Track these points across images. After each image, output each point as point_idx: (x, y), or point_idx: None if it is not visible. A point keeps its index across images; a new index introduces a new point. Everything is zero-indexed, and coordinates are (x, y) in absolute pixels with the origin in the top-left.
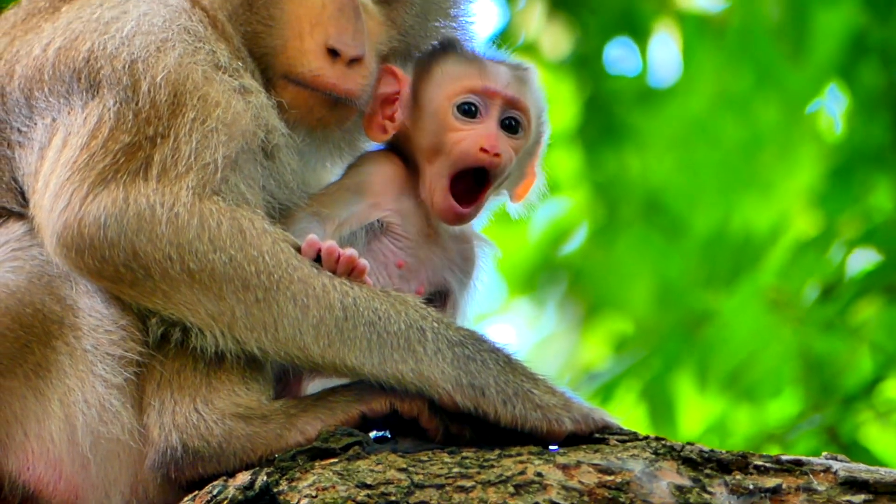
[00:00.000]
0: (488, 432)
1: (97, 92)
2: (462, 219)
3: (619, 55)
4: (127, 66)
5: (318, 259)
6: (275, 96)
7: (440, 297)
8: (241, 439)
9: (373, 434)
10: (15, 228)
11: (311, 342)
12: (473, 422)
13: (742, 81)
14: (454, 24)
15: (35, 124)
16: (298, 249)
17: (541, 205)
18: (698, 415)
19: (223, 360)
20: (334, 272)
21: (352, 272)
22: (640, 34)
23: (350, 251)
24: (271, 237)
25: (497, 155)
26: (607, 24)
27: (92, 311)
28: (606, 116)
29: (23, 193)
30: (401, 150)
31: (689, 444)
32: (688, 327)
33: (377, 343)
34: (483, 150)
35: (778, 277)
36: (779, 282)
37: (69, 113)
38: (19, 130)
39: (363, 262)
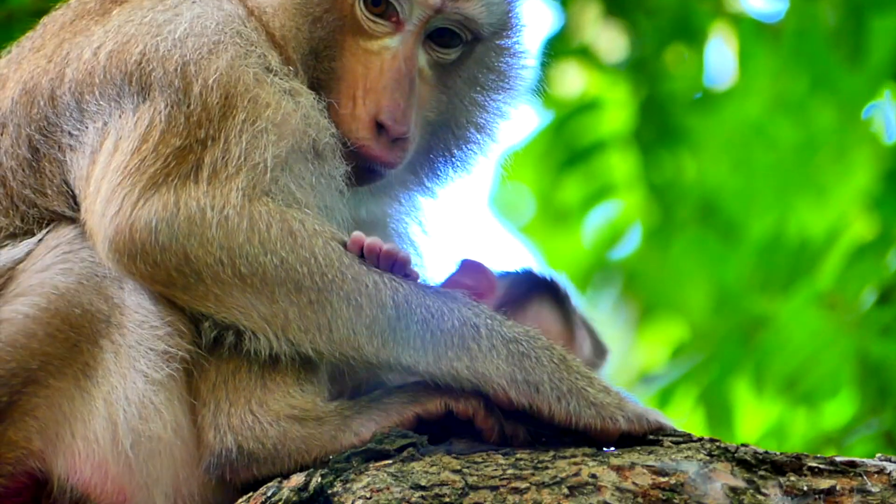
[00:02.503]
0: (543, 433)
1: (148, 94)
2: None
3: (675, 58)
4: (179, 69)
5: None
6: None
7: None
8: (296, 441)
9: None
10: (65, 232)
11: (366, 342)
12: (528, 422)
13: (798, 85)
14: (503, 80)
15: (86, 128)
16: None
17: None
18: (756, 419)
19: (278, 361)
20: (377, 267)
21: (394, 265)
22: (696, 37)
23: (391, 245)
24: (322, 238)
25: None
26: (663, 27)
27: (138, 308)
28: (662, 119)
29: (74, 197)
30: None
31: (743, 445)
32: (744, 331)
33: (431, 341)
34: None
35: (835, 282)
36: (835, 286)
37: (120, 116)
38: (70, 134)
39: (404, 252)
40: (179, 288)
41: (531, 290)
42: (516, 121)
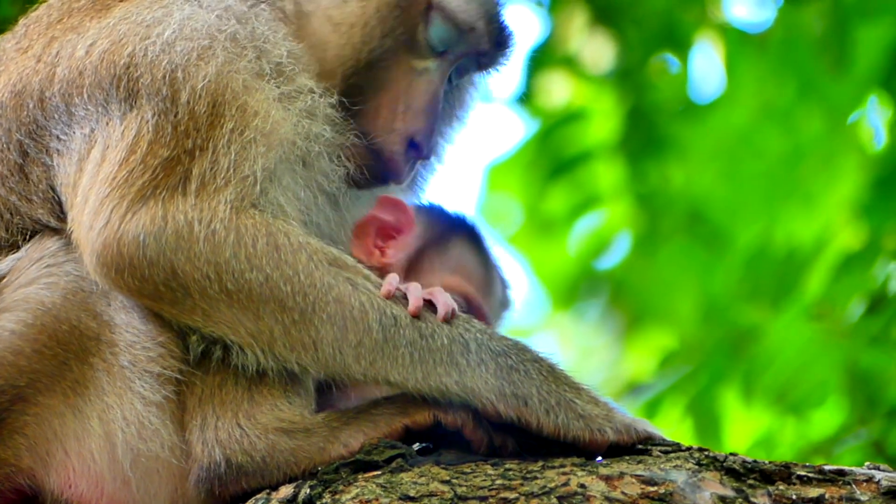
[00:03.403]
0: (531, 444)
1: (136, 102)
2: None
3: (661, 67)
4: (167, 76)
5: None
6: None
7: None
8: (285, 453)
9: (416, 446)
10: (49, 244)
11: (352, 362)
12: (516, 433)
13: (784, 93)
14: (466, 111)
15: (74, 133)
16: (334, 261)
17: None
18: (744, 430)
19: (264, 375)
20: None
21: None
22: (682, 46)
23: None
24: (306, 253)
25: None
26: (649, 36)
27: (129, 328)
28: (649, 128)
29: (59, 204)
30: None
31: (732, 454)
32: (733, 342)
33: (419, 360)
34: None
35: (823, 292)
36: (824, 296)
37: (107, 124)
38: (58, 138)
39: (447, 295)
40: (167, 302)
41: (452, 230)
42: (503, 130)
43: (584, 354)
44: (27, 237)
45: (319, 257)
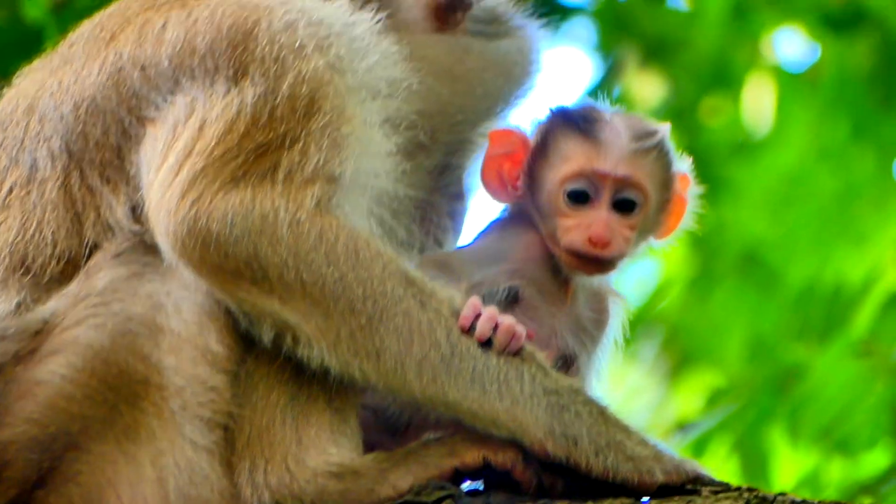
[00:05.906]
0: (580, 486)
1: (242, 78)
2: (598, 273)
3: (713, 108)
4: (280, 57)
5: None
6: None
7: (565, 362)
8: (334, 496)
9: (465, 487)
10: (95, 282)
11: (413, 377)
12: (566, 474)
13: (836, 132)
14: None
15: (175, 100)
16: (407, 275)
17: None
18: (791, 468)
19: (310, 413)
20: (489, 339)
21: (511, 341)
22: (733, 87)
23: (510, 319)
24: (382, 261)
25: (606, 245)
26: (701, 77)
27: (178, 371)
28: (701, 168)
29: (136, 207)
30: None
31: (780, 494)
32: (780, 380)
33: (476, 381)
34: (591, 241)
35: (870, 330)
36: (871, 334)
37: (210, 96)
38: (157, 107)
39: (521, 328)
40: (247, 280)
41: (546, 128)
42: None
43: (632, 394)
44: (89, 255)
45: (393, 269)
